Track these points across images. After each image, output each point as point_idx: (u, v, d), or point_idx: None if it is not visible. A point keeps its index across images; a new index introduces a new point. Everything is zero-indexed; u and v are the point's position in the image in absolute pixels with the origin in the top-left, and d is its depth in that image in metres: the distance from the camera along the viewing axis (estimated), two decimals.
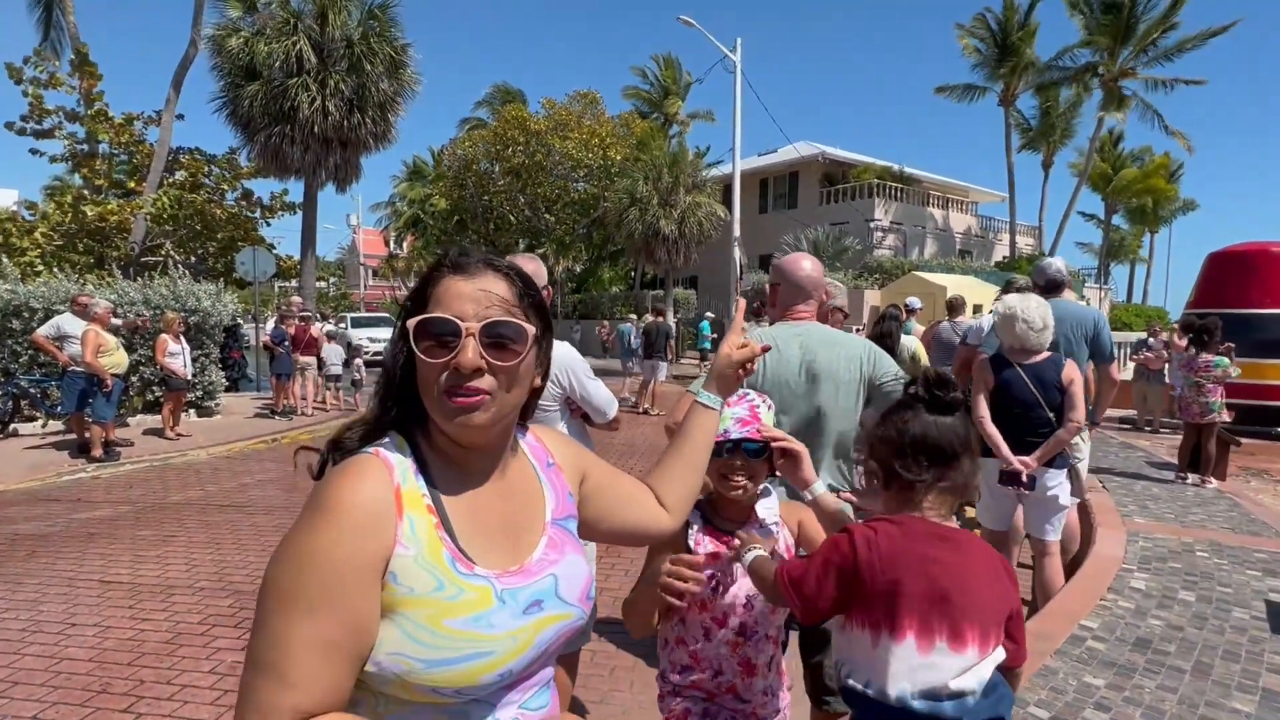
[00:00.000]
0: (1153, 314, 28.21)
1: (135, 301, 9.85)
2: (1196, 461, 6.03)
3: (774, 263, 2.40)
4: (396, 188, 37.59)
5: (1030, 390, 3.20)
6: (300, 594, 0.74)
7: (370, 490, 0.80)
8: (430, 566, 0.80)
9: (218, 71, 15.58)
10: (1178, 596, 3.39)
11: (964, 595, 1.11)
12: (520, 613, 0.85)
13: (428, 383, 0.85)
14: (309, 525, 0.78)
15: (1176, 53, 23.55)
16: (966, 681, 1.08)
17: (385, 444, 0.87)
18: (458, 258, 0.89)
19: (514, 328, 0.86)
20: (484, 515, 0.89)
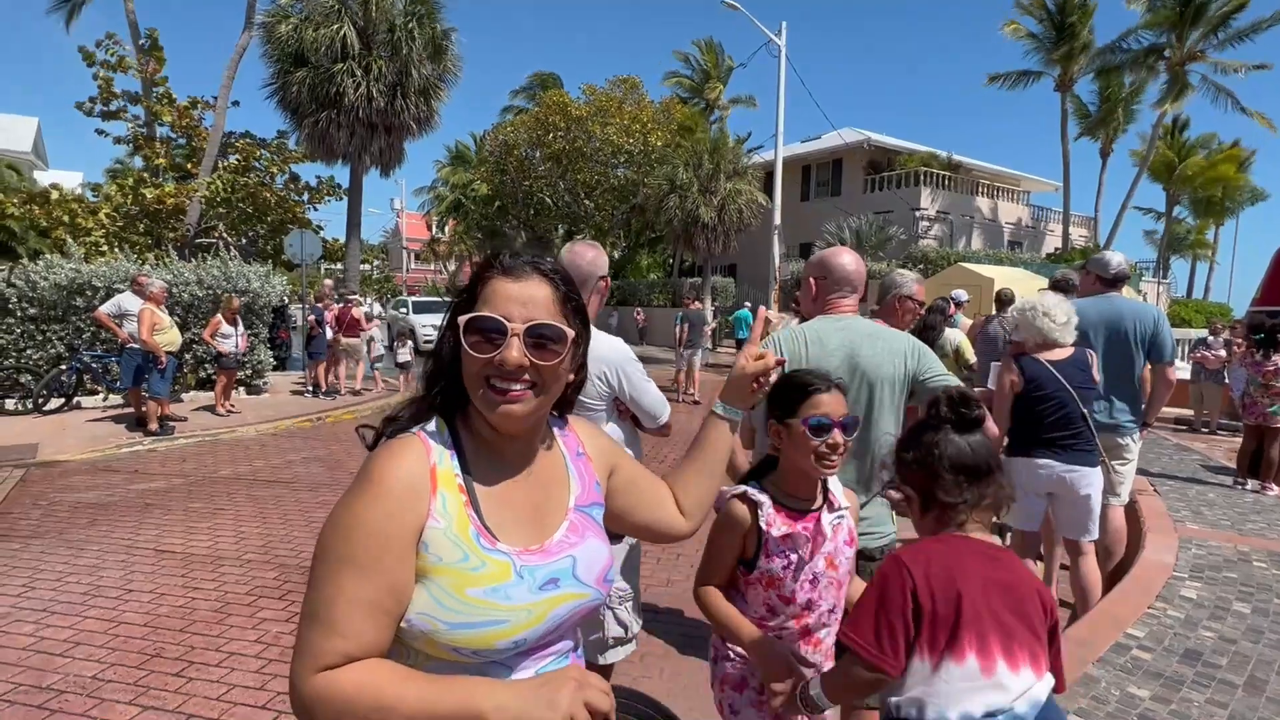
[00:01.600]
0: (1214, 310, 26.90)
1: (190, 281, 10.20)
2: (1257, 466, 5.76)
3: (813, 257, 2.36)
4: (439, 172, 38.00)
5: (1062, 385, 3.10)
6: (346, 555, 0.84)
7: (409, 467, 0.89)
8: (457, 539, 0.89)
9: (268, 58, 15.93)
10: (1231, 608, 3.25)
11: (1015, 614, 1.10)
12: (537, 588, 0.92)
13: (473, 375, 0.93)
14: (357, 495, 0.87)
15: (1250, 33, 22.24)
16: (1021, 706, 1.06)
17: (428, 427, 0.96)
18: (508, 260, 0.97)
19: (555, 330, 0.94)
20: (510, 497, 0.97)
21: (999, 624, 1.08)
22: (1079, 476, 3.14)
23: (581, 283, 2.25)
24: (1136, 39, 23.57)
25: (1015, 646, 1.08)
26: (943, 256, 20.97)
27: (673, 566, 4.34)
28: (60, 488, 5.83)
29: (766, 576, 1.46)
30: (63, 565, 4.14)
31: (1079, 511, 3.21)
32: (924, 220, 24.60)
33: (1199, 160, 33.29)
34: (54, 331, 9.27)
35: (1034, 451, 3.24)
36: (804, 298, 2.33)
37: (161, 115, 16.64)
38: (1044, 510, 3.37)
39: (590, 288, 2.25)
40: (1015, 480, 3.34)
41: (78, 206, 15.14)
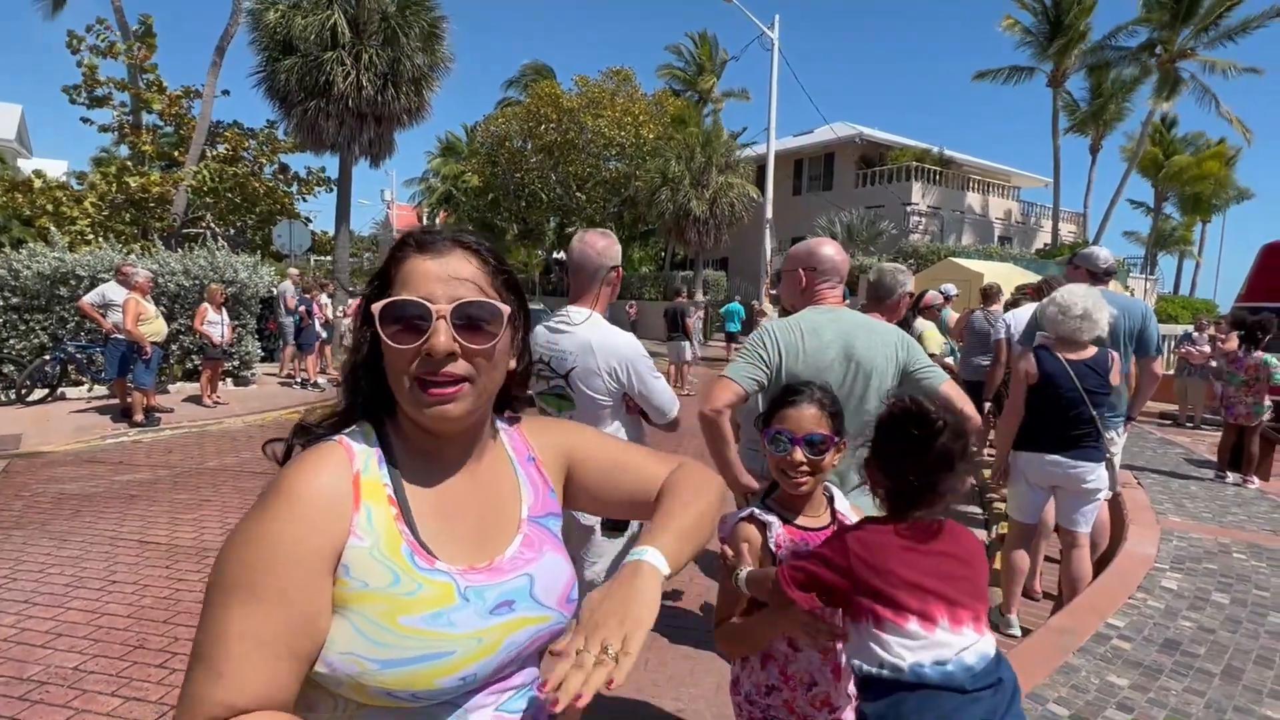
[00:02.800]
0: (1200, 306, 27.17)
1: (176, 272, 10.10)
2: (1238, 460, 5.83)
3: (796, 249, 2.33)
4: (430, 164, 37.83)
5: (1075, 386, 3.12)
6: (241, 582, 0.71)
7: (326, 478, 0.77)
8: (385, 560, 0.76)
9: (256, 45, 15.72)
10: (1211, 598, 3.30)
11: (958, 581, 1.19)
12: (487, 612, 0.80)
13: (397, 371, 0.81)
14: (259, 513, 0.75)
15: (1240, 32, 22.38)
16: (970, 657, 1.15)
17: (351, 431, 0.85)
18: (423, 235, 0.85)
19: (488, 308, 0.82)
20: (452, 508, 0.85)
21: (941, 593, 1.17)
22: (1085, 472, 3.17)
23: (592, 274, 2.21)
24: (1130, 34, 23.70)
25: (959, 610, 1.16)
26: (933, 251, 21.05)
27: None
28: (44, 479, 5.77)
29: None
30: (45, 556, 4.11)
31: (1080, 505, 3.26)
32: (915, 215, 24.67)
33: (1186, 158, 33.53)
34: (37, 321, 9.16)
35: (1042, 446, 3.27)
36: (790, 289, 2.32)
37: (151, 103, 16.44)
38: (1045, 504, 3.41)
39: (601, 279, 2.21)
40: (1021, 472, 3.39)
41: (62, 195, 14.94)
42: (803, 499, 1.45)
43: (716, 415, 2.02)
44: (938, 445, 1.17)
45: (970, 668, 1.14)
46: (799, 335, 2.07)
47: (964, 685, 1.12)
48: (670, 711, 2.73)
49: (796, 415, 1.41)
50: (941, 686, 1.12)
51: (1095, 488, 3.20)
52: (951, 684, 1.12)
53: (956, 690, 1.12)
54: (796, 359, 2.04)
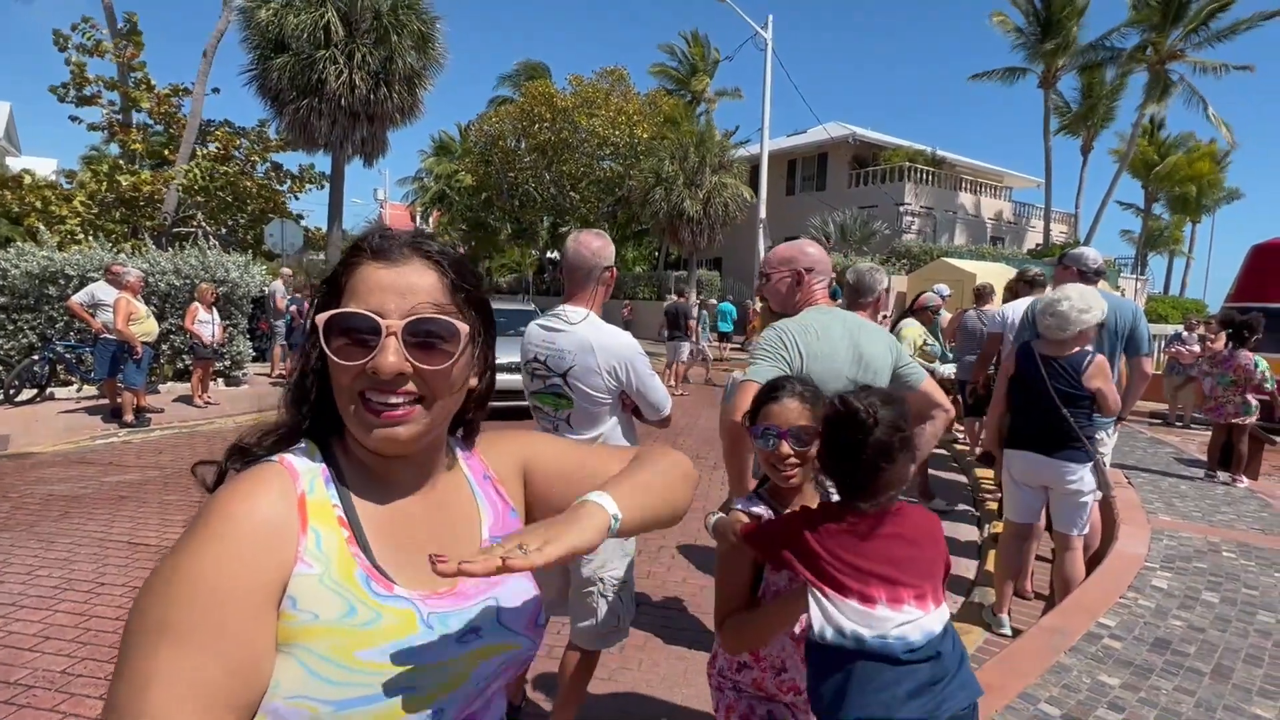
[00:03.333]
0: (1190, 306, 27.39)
1: (166, 271, 10.03)
2: (1227, 459, 5.87)
3: (782, 252, 2.31)
4: (423, 163, 37.70)
5: (1044, 383, 3.14)
6: (167, 623, 0.61)
7: (267, 500, 0.69)
8: (339, 587, 0.68)
9: (247, 44, 15.66)
10: (1201, 597, 3.32)
11: (899, 565, 1.25)
12: (454, 641, 0.74)
13: (343, 388, 0.73)
14: (189, 544, 0.65)
15: (1229, 34, 22.55)
16: (909, 631, 1.20)
17: (294, 450, 0.76)
18: (379, 240, 0.77)
19: (444, 325, 0.75)
20: (408, 530, 0.78)
21: (882, 574, 1.23)
22: (1066, 472, 3.19)
23: (587, 273, 2.22)
24: (1120, 36, 23.84)
25: (899, 589, 1.23)
26: (926, 251, 21.13)
27: (654, 559, 4.35)
28: (32, 480, 5.72)
29: (771, 591, 1.42)
30: (33, 559, 4.07)
31: (1069, 506, 3.27)
32: (908, 215, 24.75)
33: (1177, 158, 33.80)
34: (26, 321, 9.08)
35: (1023, 444, 3.32)
36: (781, 291, 2.30)
37: (140, 101, 16.33)
38: (1040, 503, 3.42)
39: (596, 278, 2.23)
40: (1007, 469, 3.43)
41: (51, 193, 14.83)
42: (793, 491, 1.47)
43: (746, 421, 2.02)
44: (873, 440, 1.22)
45: (910, 642, 1.20)
46: (814, 335, 2.07)
47: (898, 657, 1.19)
48: (664, 712, 2.73)
49: (780, 410, 1.43)
50: (878, 656, 1.19)
51: (1079, 489, 3.21)
52: (888, 655, 1.19)
53: (891, 661, 1.19)
54: (815, 359, 2.04)
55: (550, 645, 2.96)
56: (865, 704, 1.18)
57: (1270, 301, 8.76)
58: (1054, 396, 3.13)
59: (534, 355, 2.25)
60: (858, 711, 1.18)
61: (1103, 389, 3.11)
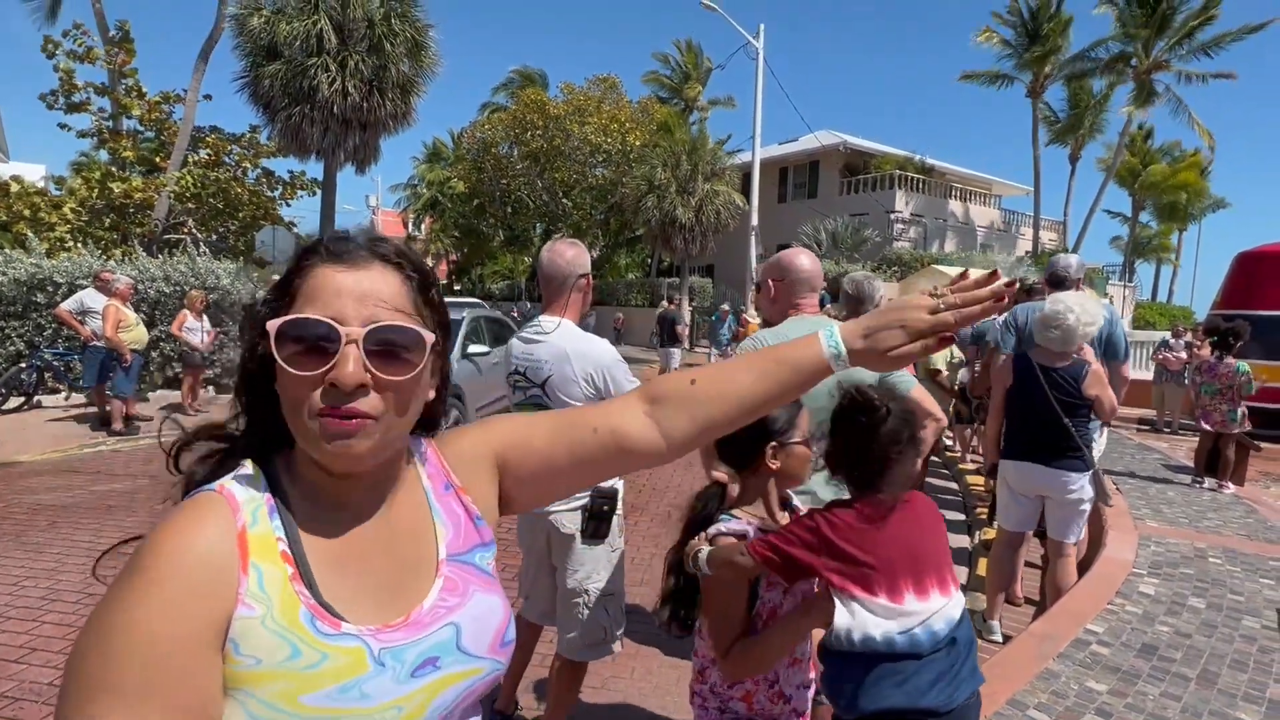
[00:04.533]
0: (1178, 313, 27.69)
1: (156, 278, 9.99)
2: (1214, 465, 5.93)
3: (771, 259, 2.36)
4: (416, 169, 37.68)
5: (1045, 393, 3.16)
6: (104, 681, 0.57)
7: (205, 539, 0.64)
8: (282, 629, 0.64)
9: (240, 51, 15.62)
10: (1187, 603, 3.35)
11: (919, 553, 1.27)
12: (408, 676, 0.69)
13: (295, 400, 0.68)
14: (124, 592, 0.60)
15: (1214, 46, 22.88)
16: (934, 621, 1.22)
17: (236, 476, 0.71)
18: (336, 242, 0.72)
19: (409, 334, 0.70)
20: (359, 559, 0.73)
21: (908, 566, 1.25)
22: (1068, 481, 3.21)
23: (561, 282, 2.25)
24: (1106, 48, 24.15)
25: (924, 579, 1.25)
26: (916, 258, 21.27)
27: (646, 566, 4.35)
28: (19, 489, 5.67)
29: (768, 609, 1.40)
30: (19, 569, 4.03)
31: (1066, 514, 3.29)
32: (899, 223, 24.92)
33: (1162, 168, 34.19)
34: (13, 328, 9.02)
35: (1023, 454, 3.33)
36: (764, 300, 2.35)
37: (130, 108, 16.26)
38: (1035, 512, 3.44)
39: (571, 286, 2.25)
40: (1004, 479, 3.44)
41: (40, 200, 14.72)
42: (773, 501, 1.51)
43: None
44: (885, 430, 1.25)
45: (936, 634, 1.22)
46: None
47: (922, 651, 1.20)
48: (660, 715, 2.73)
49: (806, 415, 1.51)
50: (905, 655, 1.20)
51: (1079, 498, 3.23)
52: (916, 650, 1.20)
53: (914, 657, 1.20)
54: None
55: (542, 654, 2.96)
56: (889, 695, 1.19)
57: (1256, 308, 8.86)
58: (1056, 407, 3.14)
59: (515, 368, 2.28)
60: (882, 702, 1.19)
61: (1100, 396, 3.14)
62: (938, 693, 1.20)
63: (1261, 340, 7.26)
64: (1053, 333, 3.13)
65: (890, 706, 1.19)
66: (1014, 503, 3.45)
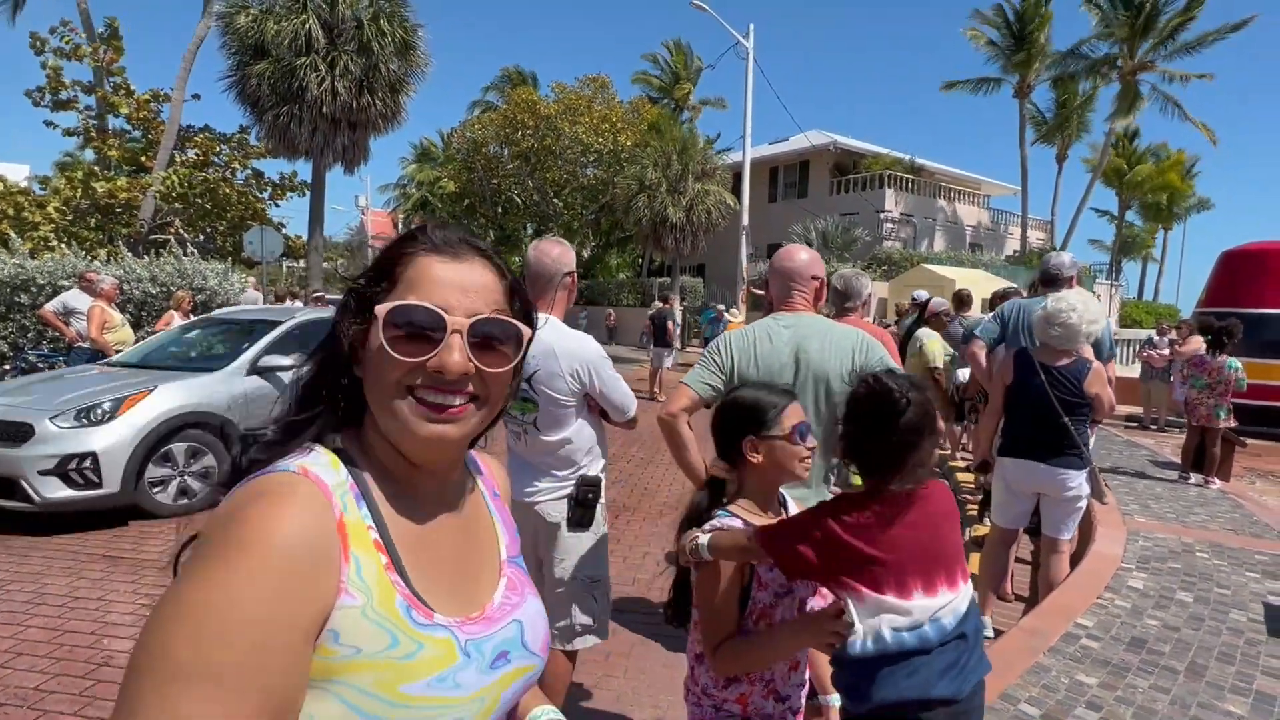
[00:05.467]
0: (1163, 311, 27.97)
1: (142, 279, 9.89)
2: (1201, 461, 5.99)
3: (775, 257, 2.40)
4: (405, 169, 37.53)
5: (1046, 391, 3.17)
6: (195, 666, 0.53)
7: (306, 523, 0.61)
8: (382, 619, 0.64)
9: (227, 50, 15.53)
10: (1175, 597, 3.38)
11: (930, 549, 1.25)
12: (488, 667, 0.71)
13: (389, 383, 0.68)
14: (221, 571, 0.57)
15: (1197, 46, 23.16)
16: (943, 615, 1.22)
17: (312, 459, 0.69)
18: (439, 233, 0.74)
19: (507, 328, 0.73)
20: (438, 550, 0.74)
21: (916, 562, 1.23)
22: (1066, 479, 3.22)
23: (547, 280, 2.26)
24: (1091, 48, 24.39)
25: (933, 576, 1.23)
26: (906, 258, 21.39)
27: (639, 566, 4.34)
28: None
29: (758, 609, 1.39)
30: (4, 573, 3.98)
31: (1063, 512, 3.31)
32: (888, 222, 25.05)
33: (1148, 167, 34.56)
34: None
35: (1022, 452, 3.33)
36: (766, 296, 2.40)
37: (118, 107, 16.13)
38: (1030, 509, 3.46)
39: (556, 284, 2.27)
40: (1002, 478, 3.45)
41: (24, 199, 14.58)
42: (772, 499, 1.50)
43: (672, 419, 2.11)
44: (903, 421, 1.23)
45: (944, 627, 1.21)
46: (752, 341, 2.15)
47: (931, 646, 1.20)
48: (649, 718, 2.73)
49: (796, 410, 1.47)
50: (916, 651, 1.20)
51: (1076, 495, 3.25)
52: (925, 646, 1.20)
53: (925, 652, 1.20)
54: (749, 364, 2.10)
55: None
56: (901, 687, 1.19)
57: (1240, 306, 8.97)
58: (1056, 405, 3.16)
59: None
60: (894, 695, 1.19)
61: (1100, 394, 3.16)
62: (948, 683, 1.21)
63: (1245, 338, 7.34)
64: (1055, 331, 3.14)
65: (901, 698, 1.20)
66: (1010, 500, 3.46)
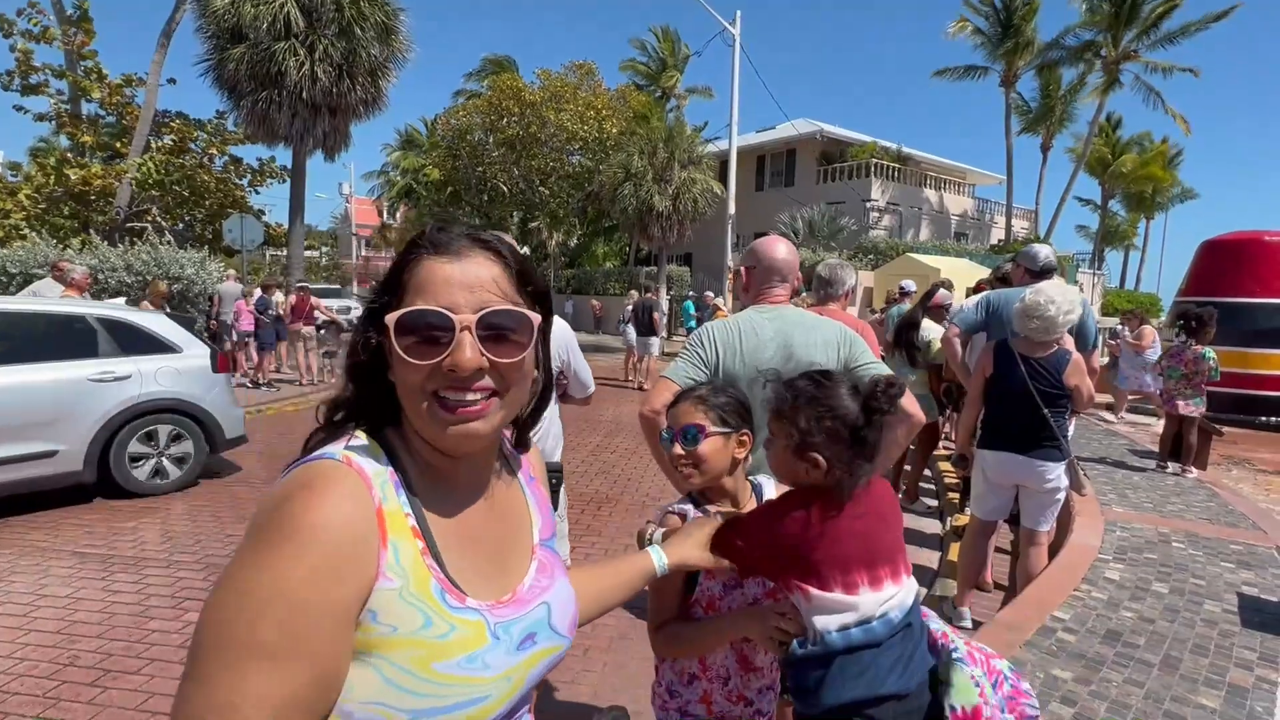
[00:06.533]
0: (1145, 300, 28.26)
1: (117, 268, 9.71)
2: (1178, 450, 6.05)
3: (749, 246, 2.35)
4: (389, 157, 37.07)
5: (1025, 383, 3.17)
6: (260, 641, 0.60)
7: (349, 511, 0.66)
8: (418, 601, 0.69)
9: (203, 33, 15.18)
10: (1151, 588, 3.40)
11: (873, 543, 1.24)
12: (515, 649, 0.76)
13: (412, 387, 0.72)
14: (269, 556, 0.62)
15: (1180, 35, 23.31)
16: (890, 608, 1.22)
17: (355, 447, 0.74)
18: (438, 235, 0.76)
19: (516, 317, 0.75)
20: (472, 537, 0.79)
21: (861, 558, 1.22)
22: (1045, 471, 3.22)
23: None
24: (1075, 36, 24.48)
25: (878, 570, 1.23)
26: (892, 247, 21.44)
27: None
28: None
29: (706, 598, 1.39)
30: None
31: (1042, 503, 3.32)
32: (874, 211, 25.07)
33: (1132, 157, 34.81)
34: None
35: (1002, 444, 3.33)
36: (738, 288, 2.34)
37: (90, 91, 15.73)
38: (1010, 501, 3.46)
39: None
40: (982, 470, 3.45)
41: None
42: (718, 493, 1.45)
43: (655, 415, 2.03)
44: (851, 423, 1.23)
45: (891, 622, 1.21)
46: (737, 334, 2.08)
47: (880, 640, 1.20)
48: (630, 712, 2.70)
49: (675, 412, 1.44)
50: (864, 646, 1.19)
51: (1056, 487, 3.25)
52: (874, 640, 1.20)
53: (874, 645, 1.19)
54: (735, 357, 2.04)
55: None
56: (851, 687, 1.19)
57: (1219, 295, 9.04)
58: (1036, 397, 3.15)
59: None
60: (844, 695, 1.18)
61: (1079, 385, 3.15)
62: (896, 678, 1.20)
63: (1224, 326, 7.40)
64: (1034, 323, 3.14)
65: (852, 699, 1.19)
66: (990, 492, 3.46)
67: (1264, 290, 9.19)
